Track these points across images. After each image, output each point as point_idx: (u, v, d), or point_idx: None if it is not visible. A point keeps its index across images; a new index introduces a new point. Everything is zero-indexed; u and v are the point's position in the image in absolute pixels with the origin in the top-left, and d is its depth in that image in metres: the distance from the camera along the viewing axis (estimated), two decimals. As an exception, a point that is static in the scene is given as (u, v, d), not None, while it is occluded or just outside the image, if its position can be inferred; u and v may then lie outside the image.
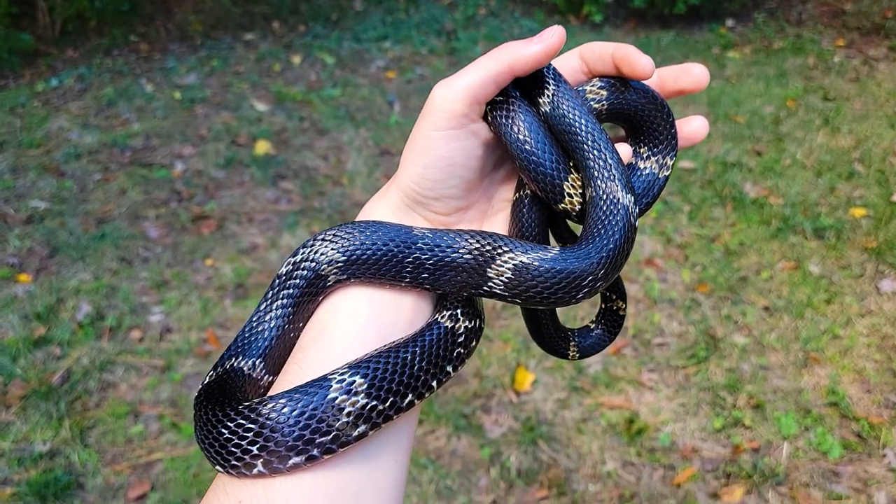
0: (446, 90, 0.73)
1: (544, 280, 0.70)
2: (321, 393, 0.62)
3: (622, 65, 0.76)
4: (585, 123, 0.74)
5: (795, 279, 3.75)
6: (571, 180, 0.76)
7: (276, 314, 0.74)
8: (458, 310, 0.74)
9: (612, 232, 0.72)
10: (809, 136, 5.39)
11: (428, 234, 0.74)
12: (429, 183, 0.75)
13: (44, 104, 5.70)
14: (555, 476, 2.71)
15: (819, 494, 2.63)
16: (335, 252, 0.73)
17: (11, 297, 3.50)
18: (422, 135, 0.74)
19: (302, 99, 5.93)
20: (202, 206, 4.34)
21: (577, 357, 0.94)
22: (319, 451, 0.61)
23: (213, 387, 0.68)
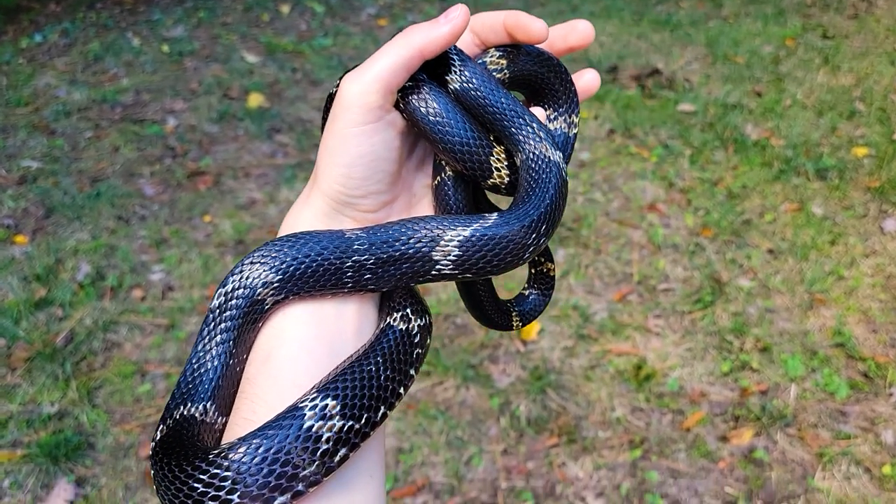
0: (357, 84, 0.69)
1: (492, 248, 0.70)
2: (296, 423, 0.58)
3: (516, 32, 0.75)
4: (499, 94, 0.74)
5: (799, 221, 3.73)
6: (496, 154, 0.76)
7: (216, 351, 0.69)
8: (408, 309, 0.72)
9: (546, 188, 0.72)
10: (809, 76, 5.32)
11: (362, 234, 0.71)
12: (354, 182, 0.72)
13: (29, 61, 5.56)
14: (564, 424, 2.72)
15: (827, 434, 2.65)
16: (268, 273, 0.69)
17: (9, 259, 3.45)
18: (339, 134, 0.71)
19: (293, 49, 5.80)
20: (197, 162, 4.27)
21: (520, 325, 0.94)
22: (304, 486, 0.58)
23: (169, 441, 0.64)
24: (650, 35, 6.13)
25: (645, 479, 2.52)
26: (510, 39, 0.76)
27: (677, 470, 2.56)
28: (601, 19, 6.46)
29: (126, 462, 2.59)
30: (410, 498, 2.48)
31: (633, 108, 4.85)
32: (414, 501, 2.47)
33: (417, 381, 2.86)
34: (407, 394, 0.72)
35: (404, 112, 0.74)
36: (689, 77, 5.31)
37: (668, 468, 2.56)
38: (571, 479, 2.54)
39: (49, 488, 2.50)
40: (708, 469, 2.56)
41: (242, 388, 0.69)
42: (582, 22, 0.79)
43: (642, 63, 5.53)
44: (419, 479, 2.54)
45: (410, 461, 2.59)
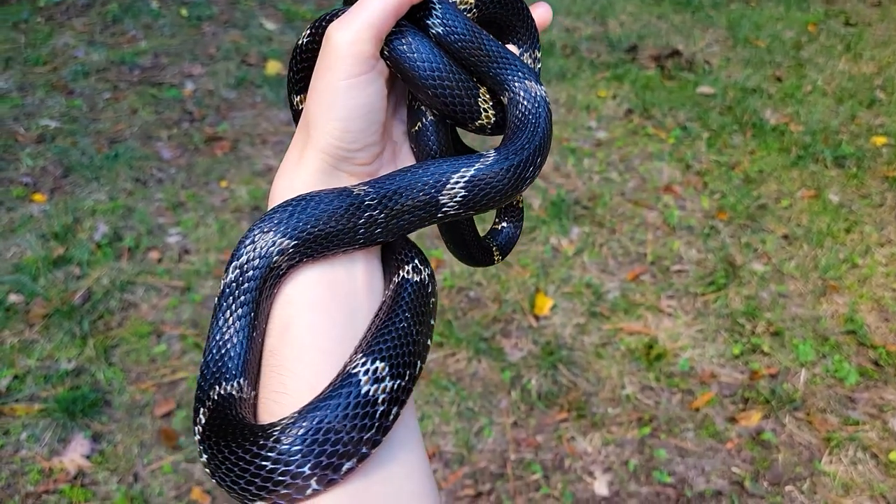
0: (347, 33, 0.67)
1: (496, 184, 0.72)
2: (353, 391, 0.59)
3: None
4: (479, 35, 0.75)
5: (815, 208, 3.72)
6: (482, 95, 0.77)
7: (238, 325, 0.67)
8: (415, 260, 0.73)
9: (538, 122, 0.74)
10: (831, 62, 5.28)
11: (370, 189, 0.70)
12: (352, 135, 0.70)
13: (47, 20, 5.55)
14: (574, 399, 2.74)
15: (835, 420, 2.67)
16: (283, 239, 0.67)
17: (28, 217, 3.48)
18: (332, 87, 0.68)
19: (311, 17, 5.77)
20: (214, 128, 4.27)
21: (500, 258, 0.96)
22: (368, 448, 0.59)
23: (217, 422, 0.63)
24: (671, 16, 6.08)
25: (653, 457, 2.55)
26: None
27: (685, 448, 2.58)
28: (622, -2, 6.41)
29: (141, 420, 2.63)
30: (420, 466, 2.51)
31: (651, 88, 4.82)
32: (424, 469, 2.51)
33: (430, 352, 2.88)
34: None
35: (388, 59, 0.72)
36: (709, 59, 5.28)
37: (675, 446, 2.59)
38: (580, 454, 2.57)
39: (66, 443, 2.54)
40: (716, 449, 2.58)
41: (266, 361, 0.68)
42: (542, 5, 0.82)
43: (662, 43, 5.49)
44: (430, 447, 2.58)
45: (422, 430, 2.62)
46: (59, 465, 2.47)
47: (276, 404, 0.64)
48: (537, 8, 0.84)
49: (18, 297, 3.06)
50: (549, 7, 0.85)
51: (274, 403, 0.64)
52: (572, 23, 5.88)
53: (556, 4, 6.18)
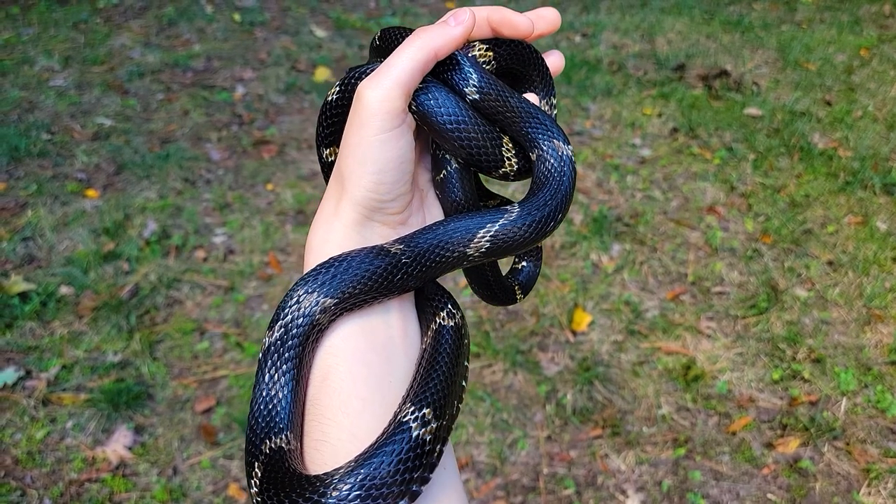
0: (378, 91, 0.70)
1: (519, 237, 0.76)
2: (405, 436, 0.64)
3: (502, 27, 0.78)
4: (506, 93, 0.78)
5: (862, 235, 3.67)
6: (505, 144, 0.80)
7: (284, 381, 0.71)
8: (448, 305, 0.78)
9: (561, 179, 0.78)
10: (883, 88, 5.20)
11: (404, 248, 0.75)
12: (385, 187, 0.73)
13: (105, 21, 5.71)
14: (609, 416, 2.74)
15: (875, 451, 2.63)
16: (325, 298, 0.72)
17: (81, 212, 3.58)
18: (366, 142, 0.72)
19: (361, 26, 5.85)
20: (263, 131, 4.35)
21: (522, 296, 0.99)
22: (418, 485, 0.63)
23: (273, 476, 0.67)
24: (720, 35, 6.04)
25: (687, 478, 2.53)
26: (494, 34, 0.79)
27: (720, 472, 2.56)
28: (671, 16, 6.38)
29: (182, 415, 2.69)
30: (453, 475, 2.53)
31: (698, 108, 4.80)
32: (456, 478, 2.52)
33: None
34: None
35: (416, 113, 0.76)
36: (757, 81, 5.23)
37: (710, 469, 2.57)
38: (613, 472, 2.56)
39: (109, 433, 2.60)
40: (751, 474, 2.56)
41: (307, 410, 0.71)
42: (549, 10, 0.82)
43: (710, 63, 5.46)
44: (463, 457, 2.59)
45: (455, 439, 2.64)
46: (102, 454, 2.54)
47: (317, 452, 0.67)
48: (550, 55, 0.86)
49: (69, 289, 3.15)
50: (562, 55, 0.87)
51: (315, 451, 0.68)
52: (620, 39, 5.88)
53: (605, 21, 6.18)
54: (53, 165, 3.91)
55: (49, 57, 5.00)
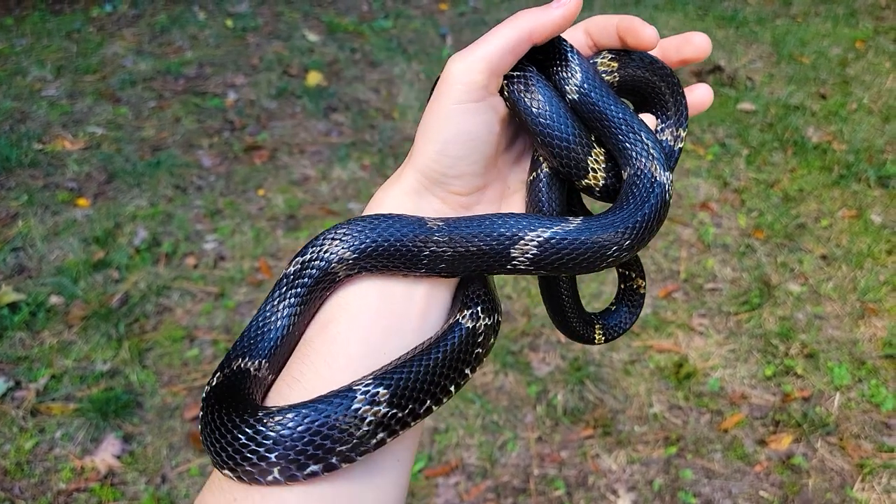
0: (463, 62, 0.70)
1: (570, 252, 0.71)
2: (345, 403, 0.61)
3: (627, 36, 0.74)
4: (616, 108, 0.74)
5: (856, 228, 3.64)
6: (595, 155, 0.75)
7: (283, 314, 0.72)
8: (479, 307, 0.73)
9: (642, 204, 0.71)
10: (878, 80, 5.17)
11: (443, 226, 0.72)
12: (449, 160, 0.72)
13: (98, 30, 5.71)
14: (601, 416, 2.72)
15: (869, 446, 2.61)
16: (345, 250, 0.71)
17: (71, 221, 3.58)
18: (440, 110, 0.71)
19: (354, 30, 5.85)
20: (254, 137, 4.35)
21: (602, 341, 0.92)
22: (338, 460, 0.61)
23: (223, 389, 0.67)
24: (714, 31, 6.02)
25: (678, 477, 2.51)
26: (621, 43, 0.76)
27: (712, 470, 2.54)
28: (664, 13, 6.36)
29: (171, 423, 2.68)
30: (443, 477, 2.52)
31: (691, 104, 4.77)
32: (447, 481, 2.51)
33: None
34: None
35: (507, 100, 0.74)
36: (751, 76, 5.21)
37: (702, 467, 2.55)
38: (604, 471, 2.54)
39: (98, 442, 2.60)
40: (744, 471, 2.54)
41: (298, 348, 0.71)
42: (698, 35, 0.77)
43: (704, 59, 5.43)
44: (453, 459, 2.58)
45: (445, 442, 2.63)
46: (91, 463, 2.53)
47: (289, 388, 0.67)
48: (697, 89, 0.80)
49: (59, 298, 3.14)
50: (710, 90, 0.81)
51: (287, 387, 0.68)
52: (613, 37, 5.86)
53: (598, 19, 6.16)
54: (44, 175, 3.91)
55: (42, 67, 5.01)
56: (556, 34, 0.72)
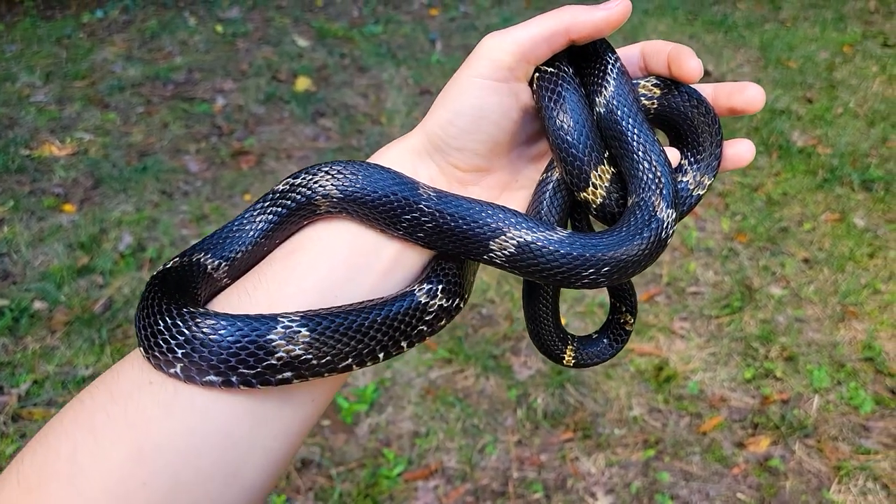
0: (495, 39, 0.71)
1: (546, 262, 0.69)
2: (262, 329, 0.61)
3: (672, 63, 0.73)
4: (638, 132, 0.72)
5: (839, 231, 3.66)
6: (601, 171, 0.73)
7: (258, 226, 0.73)
8: (441, 285, 0.71)
9: (634, 236, 0.69)
10: (864, 84, 5.20)
11: (433, 196, 0.71)
12: (454, 130, 0.72)
13: (89, 36, 5.73)
14: (581, 419, 2.73)
15: (847, 448, 2.62)
16: (333, 188, 0.72)
17: (57, 227, 3.59)
18: (461, 79, 0.72)
19: (343, 35, 5.87)
20: (242, 142, 4.37)
21: (571, 364, 0.91)
22: (238, 381, 0.61)
23: (171, 275, 0.68)
24: (703, 36, 6.04)
25: (656, 480, 2.53)
26: (668, 71, 0.75)
27: (690, 472, 2.55)
28: (654, 17, 6.39)
29: (152, 427, 2.69)
30: (423, 481, 2.53)
31: (677, 108, 4.79)
32: (426, 484, 2.52)
33: (438, 368, 2.90)
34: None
35: (535, 94, 0.74)
36: (738, 80, 5.22)
37: (680, 470, 2.56)
38: (583, 474, 2.55)
39: (79, 447, 2.60)
40: (721, 474, 2.55)
41: (260, 265, 0.72)
42: (753, 86, 0.75)
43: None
44: (433, 463, 2.59)
45: (426, 445, 2.64)
46: (71, 468, 2.53)
47: (238, 299, 0.69)
48: (739, 144, 0.78)
49: (43, 304, 3.15)
50: (752, 148, 0.79)
51: (236, 297, 0.69)
52: (602, 42, 5.88)
53: (587, 24, 6.18)
54: (31, 181, 3.93)
55: (31, 73, 5.02)
56: (595, 36, 0.71)
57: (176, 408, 0.62)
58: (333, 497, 2.45)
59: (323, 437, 2.65)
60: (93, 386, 0.64)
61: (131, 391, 0.62)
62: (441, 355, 2.95)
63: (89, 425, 0.61)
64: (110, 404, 0.62)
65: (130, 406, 0.61)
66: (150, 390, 0.62)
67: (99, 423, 0.61)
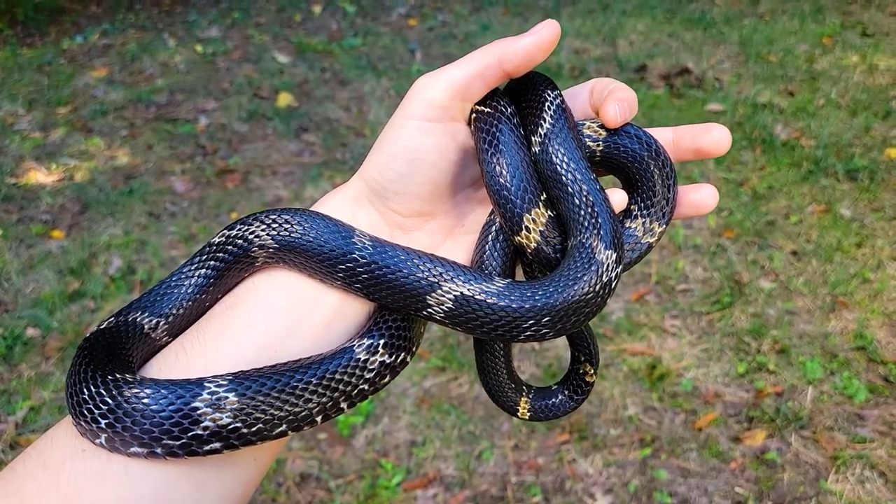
0: (428, 79, 0.69)
1: (484, 315, 0.65)
2: (187, 397, 0.58)
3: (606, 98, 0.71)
4: (574, 170, 0.68)
5: (825, 223, 3.68)
6: (535, 214, 0.69)
7: (195, 280, 0.70)
8: (382, 340, 0.67)
9: (572, 282, 0.65)
10: (845, 74, 5.24)
11: (368, 245, 0.68)
12: (391, 174, 0.70)
13: (70, 61, 5.74)
14: (576, 421, 2.73)
15: (843, 437, 2.63)
16: (269, 238, 0.69)
17: (46, 253, 3.58)
18: (395, 122, 0.70)
19: (323, 49, 5.89)
20: (226, 160, 4.37)
21: (526, 417, 0.86)
22: (163, 452, 0.59)
23: (104, 337, 0.66)
24: (682, 33, 6.08)
25: (654, 478, 2.53)
26: None
27: (687, 469, 2.56)
28: (632, 17, 6.43)
29: (148, 450, 2.68)
30: (422, 490, 2.53)
31: (659, 107, 4.83)
32: (425, 493, 2.52)
33: (432, 377, 2.90)
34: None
35: (472, 134, 0.71)
36: (719, 76, 5.27)
37: (678, 467, 2.57)
38: (581, 476, 2.56)
39: (75, 473, 2.59)
40: (719, 469, 2.55)
41: (200, 321, 0.70)
42: (718, 127, 0.71)
43: (672, 62, 5.49)
44: (431, 471, 2.59)
45: (423, 454, 2.64)
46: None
47: (175, 358, 0.66)
48: (701, 189, 0.74)
49: (36, 331, 3.14)
50: (715, 193, 0.74)
51: (173, 356, 0.66)
52: (582, 44, 5.92)
53: (567, 27, 6.22)
54: (19, 209, 3.92)
55: (13, 101, 5.02)
56: (529, 63, 0.68)
57: (108, 476, 0.60)
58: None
59: (320, 451, 2.64)
60: (26, 453, 0.63)
61: (63, 459, 0.61)
62: (434, 364, 2.95)
63: (20, 496, 0.59)
64: (42, 473, 0.60)
65: (62, 475, 0.59)
66: (83, 458, 0.60)
67: (30, 493, 0.59)
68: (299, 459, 2.61)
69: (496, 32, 6.13)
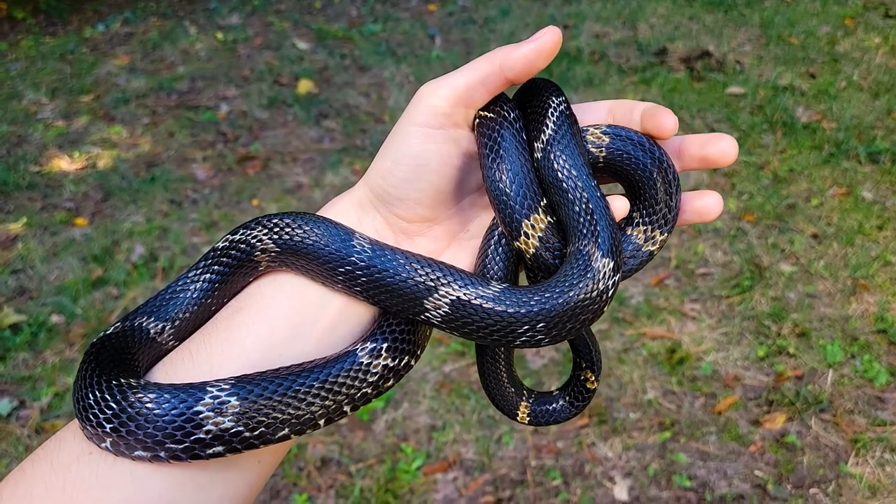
0: (431, 87, 0.70)
1: (480, 319, 0.65)
2: (190, 401, 0.59)
3: (646, 119, 0.71)
4: (576, 177, 0.68)
5: (846, 205, 3.65)
6: (534, 220, 0.69)
7: (200, 285, 0.71)
8: (385, 344, 0.68)
9: (568, 289, 0.64)
10: (867, 56, 5.16)
11: (367, 248, 0.69)
12: (394, 180, 0.71)
13: (92, 50, 5.79)
14: (595, 405, 2.75)
15: (863, 421, 2.62)
16: (271, 242, 0.70)
17: (70, 241, 3.64)
18: (399, 128, 0.71)
19: (343, 36, 5.90)
20: (247, 147, 4.40)
21: (525, 421, 0.86)
22: (167, 456, 0.60)
23: (110, 342, 0.67)
24: (703, 16, 6.02)
25: (673, 461, 2.54)
26: (642, 129, 0.72)
27: (707, 452, 2.57)
28: (653, 0, 6.37)
29: (173, 433, 2.73)
30: (442, 474, 2.56)
31: (680, 91, 4.79)
32: (445, 477, 2.55)
33: (452, 362, 2.93)
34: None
35: (476, 139, 0.72)
36: (740, 59, 5.22)
37: (697, 450, 2.57)
38: (600, 459, 2.57)
39: (102, 456, 2.65)
40: (738, 452, 2.56)
41: (206, 325, 0.71)
42: (726, 138, 0.70)
43: (692, 45, 5.44)
44: (451, 455, 2.61)
45: (443, 438, 2.66)
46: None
47: (181, 361, 0.67)
48: (705, 196, 0.73)
49: (60, 317, 3.20)
50: (720, 201, 0.73)
51: (180, 360, 0.68)
52: (602, 28, 5.88)
53: (587, 11, 6.18)
54: (42, 197, 3.98)
55: (37, 90, 5.08)
56: (531, 70, 0.68)
57: (114, 479, 0.61)
58: (354, 494, 2.48)
59: (341, 435, 2.68)
60: (35, 454, 0.64)
61: (70, 462, 0.62)
62: (454, 349, 2.97)
63: (28, 497, 0.60)
64: (50, 475, 0.61)
65: (69, 478, 0.61)
66: (89, 461, 0.62)
67: (37, 495, 0.60)
68: (320, 444, 2.65)
69: (516, 17, 6.11)
